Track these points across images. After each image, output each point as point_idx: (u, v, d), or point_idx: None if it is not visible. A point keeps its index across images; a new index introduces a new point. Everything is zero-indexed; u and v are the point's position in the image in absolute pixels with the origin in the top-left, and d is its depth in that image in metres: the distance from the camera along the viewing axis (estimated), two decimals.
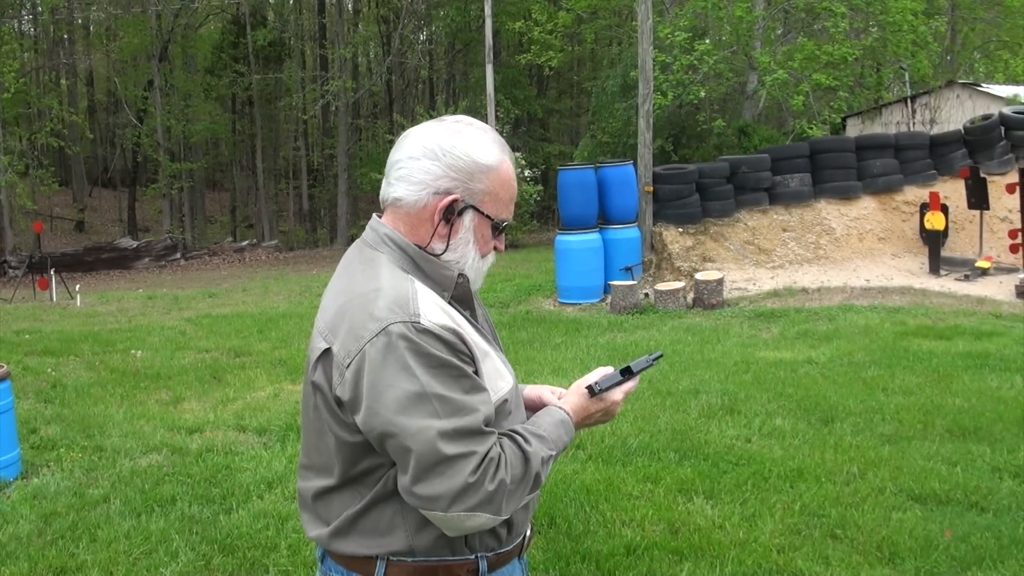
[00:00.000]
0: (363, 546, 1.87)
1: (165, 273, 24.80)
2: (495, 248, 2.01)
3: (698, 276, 12.97)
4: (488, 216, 1.95)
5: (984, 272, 13.46)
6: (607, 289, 13.42)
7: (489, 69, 22.77)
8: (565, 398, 2.09)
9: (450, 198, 1.90)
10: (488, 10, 21.40)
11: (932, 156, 16.44)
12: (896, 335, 9.81)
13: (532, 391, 2.17)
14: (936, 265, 14.00)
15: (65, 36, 38.52)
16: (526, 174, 23.56)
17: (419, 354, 1.74)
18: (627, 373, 2.10)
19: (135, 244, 27.86)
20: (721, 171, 15.34)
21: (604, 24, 28.79)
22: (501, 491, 1.76)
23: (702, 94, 20.65)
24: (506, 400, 1.92)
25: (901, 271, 14.33)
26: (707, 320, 11.55)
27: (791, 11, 22.14)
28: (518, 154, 24.20)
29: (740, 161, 15.69)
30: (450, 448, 1.71)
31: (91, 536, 4.91)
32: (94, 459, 6.35)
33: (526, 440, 1.87)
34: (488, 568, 1.93)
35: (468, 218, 1.93)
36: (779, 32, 23.89)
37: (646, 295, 13.07)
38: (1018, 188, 13.54)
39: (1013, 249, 13.85)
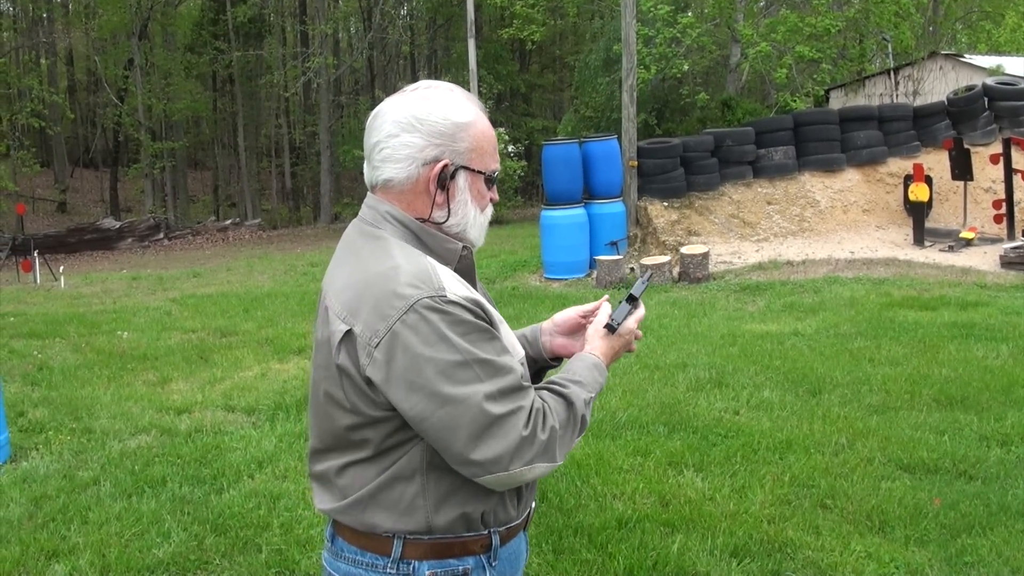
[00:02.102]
0: (382, 519, 1.87)
1: (149, 253, 24.68)
2: (491, 200, 2.01)
3: (683, 250, 12.99)
4: (479, 171, 1.95)
5: (968, 243, 13.51)
6: (593, 264, 13.43)
7: (471, 44, 22.65)
8: (590, 344, 2.11)
9: (440, 165, 1.89)
10: None
11: (916, 128, 16.49)
12: (881, 306, 9.85)
13: (561, 316, 2.25)
14: (920, 236, 14.05)
15: (44, 15, 38.23)
16: (509, 149, 23.50)
17: (453, 323, 1.75)
18: (632, 301, 2.16)
19: (118, 225, 27.70)
20: (705, 145, 15.35)
21: None
22: (553, 438, 1.80)
23: (685, 67, 20.65)
24: (522, 362, 1.96)
25: (885, 243, 14.37)
26: (693, 294, 11.58)
27: None
28: (501, 129, 24.09)
29: (724, 135, 15.71)
30: (499, 408, 1.74)
31: (82, 518, 4.90)
32: (83, 441, 6.33)
33: (564, 386, 1.92)
34: (500, 542, 1.96)
35: (461, 179, 1.93)
36: (761, 4, 23.86)
37: (631, 270, 13.08)
38: (1002, 159, 13.57)
39: (997, 219, 13.90)
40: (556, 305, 11.15)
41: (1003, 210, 13.73)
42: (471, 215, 1.96)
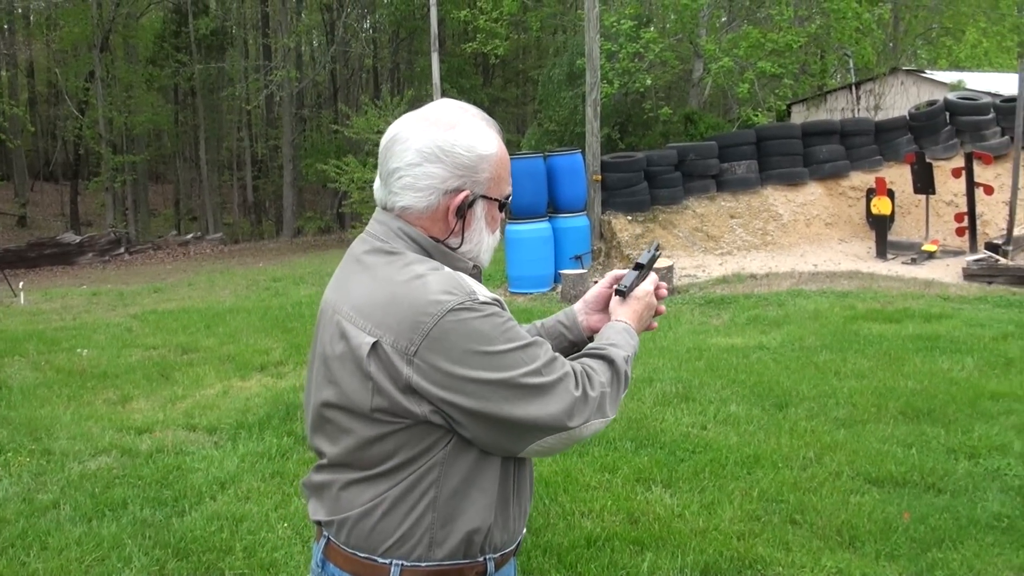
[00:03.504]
0: (382, 540, 1.88)
1: (109, 268, 24.39)
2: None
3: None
4: (495, 199, 1.98)
5: (931, 255, 13.64)
6: (557, 278, 13.40)
7: (435, 58, 22.64)
8: (614, 315, 2.20)
9: (461, 196, 1.91)
10: None
11: (877, 142, 16.64)
12: (846, 319, 9.88)
13: (591, 293, 2.33)
14: (883, 249, 14.16)
15: (5, 26, 37.79)
16: None
17: (488, 319, 1.80)
18: (639, 268, 2.26)
19: (78, 239, 27.36)
20: (669, 159, 15.41)
21: (549, 12, 28.75)
22: (604, 396, 1.90)
23: (648, 82, 20.69)
24: None
25: (848, 255, 14.47)
26: None
27: None
28: None
29: (688, 149, 15.78)
30: (548, 378, 1.82)
31: (42, 544, 4.77)
32: (42, 463, 6.18)
33: (602, 349, 2.03)
34: (495, 568, 1.97)
35: (479, 208, 1.95)
36: (724, 20, 24.01)
37: (596, 284, 13.04)
38: (964, 172, 13.71)
39: (959, 232, 14.04)
40: (521, 319, 11.02)
41: (965, 223, 13.88)
42: (485, 241, 2.00)
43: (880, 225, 14.33)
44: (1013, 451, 5.59)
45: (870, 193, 14.86)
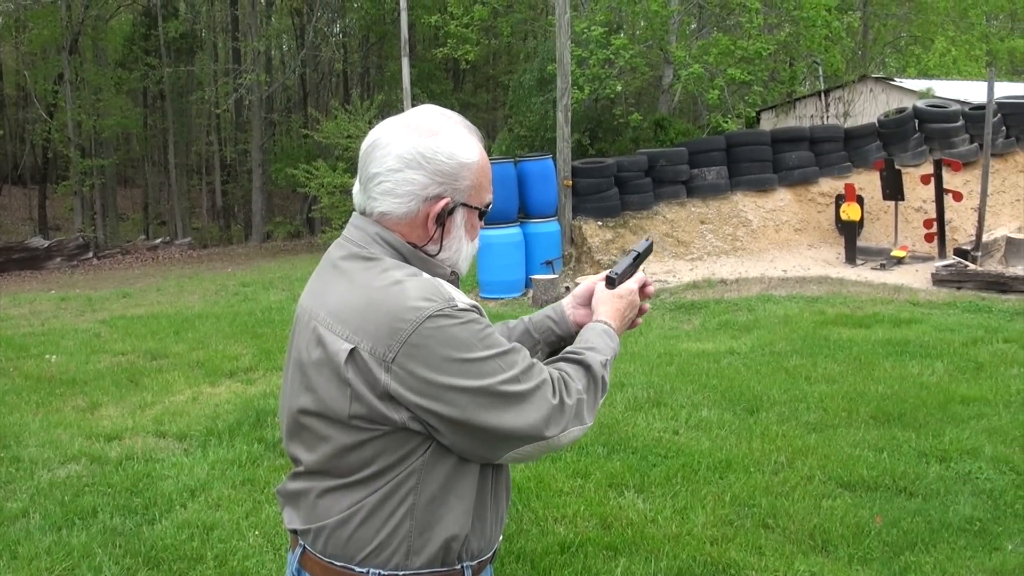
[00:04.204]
0: (360, 549, 1.85)
1: (78, 273, 24.12)
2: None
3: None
4: (475, 207, 1.96)
5: (900, 261, 13.73)
6: (528, 283, 13.39)
7: (405, 63, 22.58)
8: (595, 313, 2.19)
9: (441, 203, 1.89)
10: (403, 3, 21.26)
11: (847, 148, 16.73)
12: (816, 324, 9.92)
13: (580, 288, 2.31)
14: (852, 255, 14.24)
15: None
16: None
17: (467, 325, 1.78)
18: (634, 256, 2.29)
19: (47, 244, 27.02)
20: (639, 164, 15.43)
21: (520, 18, 28.76)
22: (580, 402, 1.89)
23: (619, 88, 20.73)
24: None
25: (818, 261, 14.54)
26: None
27: (706, 6, 22.33)
28: None
29: (658, 154, 15.82)
30: (526, 385, 1.80)
31: (11, 553, 4.69)
32: (11, 471, 6.08)
33: (579, 354, 2.00)
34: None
35: (459, 215, 1.94)
36: (693, 27, 24.11)
37: (567, 288, 13.06)
38: (933, 179, 13.83)
39: (928, 238, 14.15)
40: (494, 323, 11.05)
41: (934, 229, 13.99)
42: (464, 249, 1.98)
43: (849, 231, 14.41)
44: (984, 455, 5.62)
45: (839, 199, 14.94)
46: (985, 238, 13.10)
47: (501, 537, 2.08)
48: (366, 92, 35.18)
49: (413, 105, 18.99)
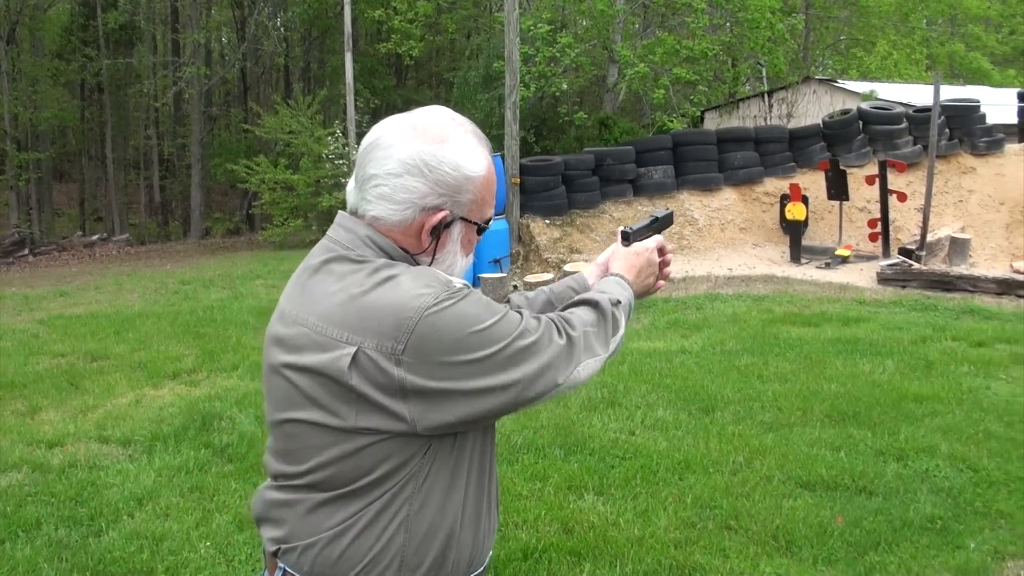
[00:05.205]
0: (349, 565, 1.74)
1: (13, 271, 23.49)
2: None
3: (566, 267, 12.96)
4: (475, 222, 1.87)
5: (844, 260, 13.84)
6: (476, 282, 13.28)
7: (348, 58, 22.38)
8: (611, 268, 2.19)
9: (439, 216, 1.79)
10: None
11: (791, 149, 16.88)
12: (764, 323, 9.94)
13: (601, 256, 2.30)
14: (797, 254, 14.33)
15: None
16: None
17: (468, 300, 1.71)
18: (654, 221, 2.28)
19: None
20: (587, 163, 15.43)
21: (465, 14, 28.65)
22: (588, 335, 1.86)
23: (564, 86, 20.74)
24: None
25: (763, 260, 14.61)
26: None
27: (651, 5, 22.40)
28: None
29: (605, 153, 15.83)
30: (534, 335, 1.75)
31: None
32: None
33: (584, 296, 2.01)
34: None
35: (456, 230, 1.84)
36: (637, 27, 24.17)
37: (515, 287, 12.98)
38: (878, 180, 13.97)
39: (872, 238, 14.30)
40: None
41: (878, 229, 14.14)
42: (457, 264, 1.88)
43: (794, 230, 14.50)
44: (940, 453, 5.63)
45: (784, 199, 15.04)
46: (929, 238, 13.25)
47: (492, 549, 1.99)
48: (308, 87, 34.83)
49: (356, 100, 18.79)
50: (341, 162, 22.42)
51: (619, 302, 2.01)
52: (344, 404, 1.68)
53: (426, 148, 1.75)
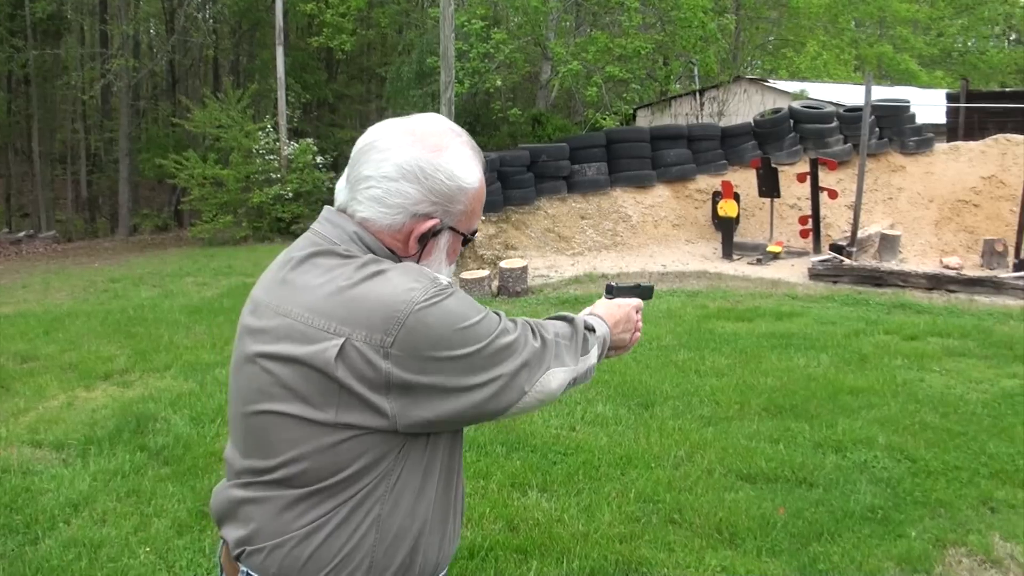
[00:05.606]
0: (317, 567, 1.71)
1: None
2: None
3: (502, 264, 12.94)
4: (462, 233, 1.87)
5: (775, 256, 14.04)
6: None
7: (279, 51, 22.18)
8: (594, 311, 2.23)
9: (429, 224, 1.79)
10: None
11: (723, 147, 17.08)
12: (699, 318, 10.01)
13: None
14: (729, 250, 14.49)
15: None
16: (318, 160, 23.03)
17: (455, 298, 1.71)
18: (637, 287, 2.38)
19: None
20: (522, 159, 15.45)
21: (397, 9, 28.52)
22: (559, 344, 1.88)
23: (498, 83, 20.74)
24: None
25: (696, 256, 14.75)
26: (513, 307, 11.51)
27: (583, 3, 22.49)
28: (309, 140, 23.63)
29: (540, 150, 15.86)
30: (514, 333, 1.78)
31: None
32: None
33: (560, 314, 2.04)
34: None
35: (443, 239, 1.84)
36: (571, 24, 24.27)
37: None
38: (809, 178, 14.18)
39: (803, 234, 14.52)
40: None
41: (810, 225, 14.35)
42: (442, 271, 1.88)
43: (727, 227, 14.66)
44: (878, 444, 5.72)
45: (716, 196, 15.21)
46: (860, 234, 13.48)
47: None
48: (238, 81, 34.38)
49: (287, 95, 18.57)
50: (272, 157, 22.19)
51: (594, 330, 2.05)
52: (325, 396, 1.65)
53: (424, 155, 1.75)
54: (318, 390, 1.65)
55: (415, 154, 1.75)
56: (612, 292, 2.31)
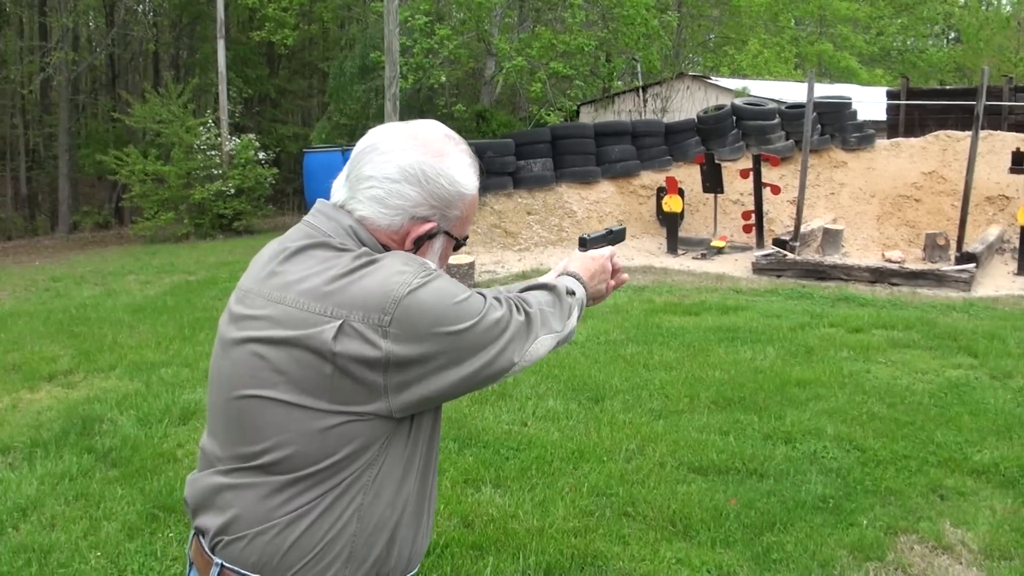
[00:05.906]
0: (297, 556, 1.71)
1: None
2: None
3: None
4: (455, 238, 1.92)
5: (720, 251, 14.18)
6: None
7: (221, 45, 21.93)
8: (568, 268, 2.24)
9: (427, 227, 1.84)
10: None
11: (667, 143, 17.21)
12: (646, 312, 10.07)
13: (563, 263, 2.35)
14: (674, 245, 14.60)
15: None
16: (260, 156, 22.80)
17: (444, 278, 1.76)
18: (609, 233, 2.41)
19: None
20: None
21: (339, 3, 28.34)
22: (544, 312, 1.93)
23: (442, 78, 20.70)
24: None
25: (641, 251, 14.83)
26: None
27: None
28: (251, 135, 23.38)
29: (485, 146, 15.86)
30: (501, 309, 1.81)
31: None
32: None
33: (537, 281, 2.10)
34: None
35: (438, 242, 1.89)
36: (515, 20, 24.28)
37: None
38: (752, 173, 14.33)
39: (747, 229, 14.67)
40: None
41: (752, 221, 14.51)
42: None
43: (671, 222, 14.77)
44: (827, 435, 5.80)
45: (661, 192, 15.32)
46: (803, 229, 13.65)
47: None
48: (179, 75, 33.94)
49: (228, 90, 18.38)
50: (213, 153, 21.91)
51: (573, 293, 2.07)
52: (317, 381, 1.67)
53: (427, 160, 1.81)
54: (311, 374, 1.67)
55: (418, 158, 1.80)
56: (585, 244, 2.32)
